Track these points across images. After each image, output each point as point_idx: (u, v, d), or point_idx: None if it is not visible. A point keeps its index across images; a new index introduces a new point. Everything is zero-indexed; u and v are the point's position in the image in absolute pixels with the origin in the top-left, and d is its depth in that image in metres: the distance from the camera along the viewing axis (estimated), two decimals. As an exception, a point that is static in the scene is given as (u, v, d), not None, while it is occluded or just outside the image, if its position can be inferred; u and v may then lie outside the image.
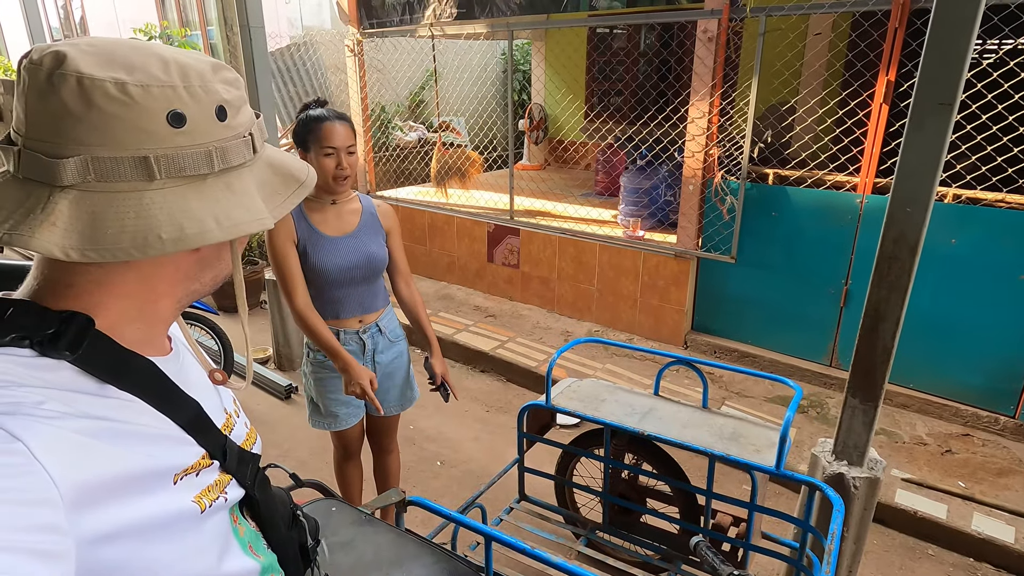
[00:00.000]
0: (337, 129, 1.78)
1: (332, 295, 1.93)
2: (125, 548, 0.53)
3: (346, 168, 1.81)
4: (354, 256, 1.90)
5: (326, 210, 1.90)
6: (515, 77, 8.57)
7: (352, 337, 1.97)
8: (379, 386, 2.03)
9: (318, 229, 1.87)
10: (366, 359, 2.00)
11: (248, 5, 3.27)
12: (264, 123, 0.66)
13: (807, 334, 3.57)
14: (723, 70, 3.36)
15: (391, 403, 2.11)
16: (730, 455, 1.70)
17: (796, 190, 3.44)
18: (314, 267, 1.87)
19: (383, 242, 1.98)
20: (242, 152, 0.60)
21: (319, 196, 1.89)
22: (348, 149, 1.81)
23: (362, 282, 1.95)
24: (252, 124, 0.62)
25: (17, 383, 0.50)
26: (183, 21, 8.35)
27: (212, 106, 0.57)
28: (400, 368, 2.10)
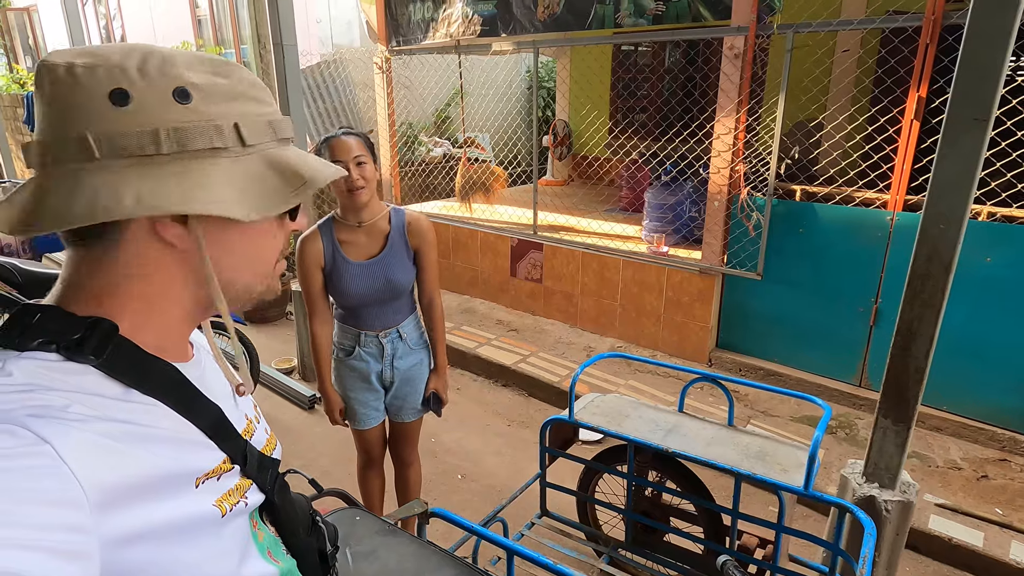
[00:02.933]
0: (342, 142, 1.78)
1: (355, 311, 1.98)
2: (148, 550, 0.54)
3: (356, 179, 1.79)
4: (375, 282, 1.91)
5: (354, 233, 1.90)
6: (539, 94, 8.64)
7: (372, 340, 2.00)
8: (397, 392, 2.08)
9: (344, 253, 1.90)
10: (384, 363, 2.03)
11: (282, 24, 3.36)
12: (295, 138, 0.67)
13: (835, 353, 3.50)
14: (749, 86, 3.35)
15: (408, 409, 2.12)
16: (757, 474, 1.67)
17: (824, 206, 3.39)
18: (337, 291, 1.93)
19: (410, 263, 1.97)
20: (211, 138, 0.57)
21: (346, 218, 1.91)
22: (356, 160, 1.78)
23: (384, 302, 1.97)
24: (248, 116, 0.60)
25: (44, 387, 0.51)
26: (218, 39, 8.61)
27: (170, 88, 0.55)
28: (419, 375, 2.11)
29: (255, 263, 0.66)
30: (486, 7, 4.45)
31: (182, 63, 0.57)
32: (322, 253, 1.89)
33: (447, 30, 4.74)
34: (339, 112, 6.89)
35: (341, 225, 1.92)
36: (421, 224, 1.97)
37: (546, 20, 4.13)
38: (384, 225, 1.94)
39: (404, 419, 2.14)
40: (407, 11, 5.01)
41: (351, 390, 2.06)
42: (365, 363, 2.03)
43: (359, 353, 2.02)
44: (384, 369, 2.04)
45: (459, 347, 4.17)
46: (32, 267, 3.42)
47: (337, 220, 1.93)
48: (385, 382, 2.08)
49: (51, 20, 11.05)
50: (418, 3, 4.91)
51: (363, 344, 2.00)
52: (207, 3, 8.55)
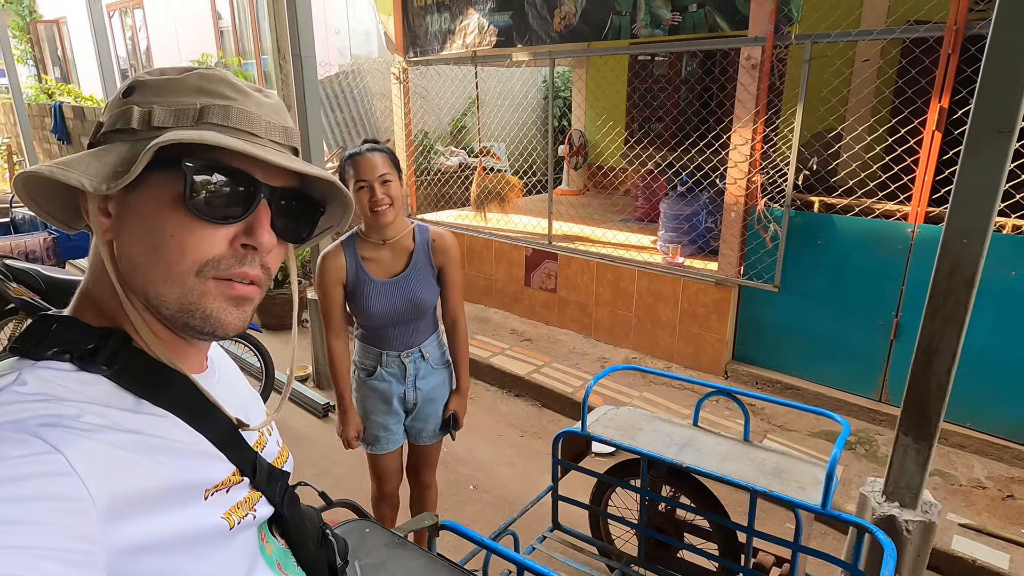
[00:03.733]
0: (368, 160, 1.73)
1: (377, 332, 1.94)
2: (155, 561, 0.53)
3: (381, 199, 1.74)
4: (398, 301, 1.86)
5: (378, 250, 1.87)
6: (555, 104, 8.67)
7: (394, 360, 1.96)
8: (419, 413, 2.02)
9: (367, 271, 1.85)
10: (407, 384, 1.98)
11: (301, 35, 3.40)
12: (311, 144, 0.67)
13: (854, 367, 3.44)
14: (767, 97, 3.33)
15: (430, 431, 2.07)
16: (773, 491, 1.64)
17: (843, 218, 3.35)
18: (359, 310, 1.89)
19: (434, 281, 1.93)
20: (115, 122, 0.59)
21: (369, 236, 1.86)
22: (381, 178, 1.73)
23: (408, 321, 1.92)
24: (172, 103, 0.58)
25: (57, 397, 0.52)
26: (239, 51, 8.76)
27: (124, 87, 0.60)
28: (442, 396, 2.06)
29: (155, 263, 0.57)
30: (502, 18, 4.48)
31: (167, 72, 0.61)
32: (344, 269, 1.85)
33: (464, 41, 4.78)
34: (356, 122, 6.96)
35: (364, 242, 1.87)
36: (446, 242, 1.92)
37: (562, 31, 4.15)
38: (408, 242, 1.89)
39: (424, 442, 2.09)
40: (424, 22, 5.06)
41: (372, 412, 2.00)
42: (387, 384, 1.97)
43: (381, 373, 1.96)
44: (407, 391, 1.98)
45: (473, 356, 4.16)
46: (55, 273, 3.48)
47: (360, 236, 1.89)
48: (407, 404, 2.01)
49: (79, 32, 11.34)
50: (435, 14, 4.96)
51: (385, 364, 1.95)
52: (229, 15, 8.71)
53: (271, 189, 0.61)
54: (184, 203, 0.56)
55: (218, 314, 0.59)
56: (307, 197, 0.67)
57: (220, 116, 0.58)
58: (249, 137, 0.59)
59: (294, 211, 0.65)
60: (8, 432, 0.47)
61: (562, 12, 4.12)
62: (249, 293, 0.62)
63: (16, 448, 0.46)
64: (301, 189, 0.66)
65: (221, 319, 0.60)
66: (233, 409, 0.68)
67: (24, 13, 12.31)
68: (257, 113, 0.61)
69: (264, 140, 0.61)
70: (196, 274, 0.58)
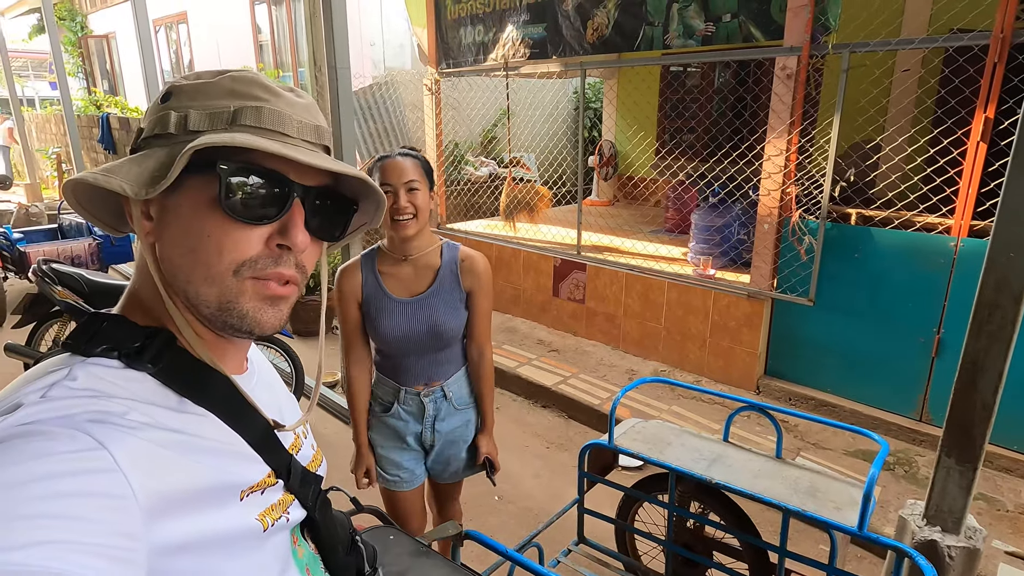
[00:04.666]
0: (396, 164, 1.58)
1: (395, 360, 1.76)
2: (192, 560, 0.54)
3: (404, 207, 1.57)
4: (419, 324, 1.69)
5: (399, 267, 1.70)
6: (586, 114, 8.66)
7: (412, 399, 1.78)
8: (439, 455, 1.85)
9: (385, 288, 1.69)
10: (425, 425, 1.80)
11: (336, 48, 3.48)
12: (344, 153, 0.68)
13: (893, 385, 3.33)
14: (802, 107, 3.27)
15: (451, 471, 1.91)
16: (807, 511, 1.59)
17: (882, 231, 3.26)
18: (375, 332, 1.71)
19: (460, 305, 1.73)
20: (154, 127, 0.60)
21: (392, 249, 1.70)
22: (408, 185, 1.57)
23: (429, 351, 1.74)
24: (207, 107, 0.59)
25: (106, 393, 0.53)
26: (277, 63, 9.00)
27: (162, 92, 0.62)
28: (465, 437, 1.88)
29: (195, 264, 0.58)
30: (536, 30, 4.51)
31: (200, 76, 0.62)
32: (360, 286, 1.70)
33: (496, 53, 4.82)
34: (389, 132, 7.07)
35: (386, 256, 1.72)
36: (477, 263, 1.74)
37: (595, 42, 4.15)
38: (434, 260, 1.71)
39: (447, 480, 1.94)
40: (458, 35, 5.13)
41: (386, 449, 1.83)
42: (404, 423, 1.80)
43: (397, 411, 1.79)
44: (424, 430, 1.81)
45: (500, 366, 4.16)
46: (98, 278, 3.60)
47: (382, 251, 1.74)
48: (425, 443, 1.84)
49: (127, 46, 11.80)
50: (468, 27, 5.02)
51: (402, 401, 1.78)
52: (268, 29, 8.96)
53: (304, 188, 0.62)
54: (220, 205, 0.57)
55: (255, 313, 0.61)
56: (340, 195, 0.67)
57: (252, 117, 0.59)
58: (281, 137, 0.60)
59: (328, 210, 0.66)
60: (57, 427, 0.48)
61: (595, 23, 4.12)
62: (285, 292, 0.62)
63: (64, 443, 0.47)
64: (334, 187, 0.66)
65: (258, 318, 0.61)
66: (270, 411, 0.69)
67: (76, 29, 12.87)
68: (289, 113, 0.61)
69: (296, 140, 0.61)
70: (234, 274, 0.59)
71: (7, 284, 5.37)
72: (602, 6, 4.05)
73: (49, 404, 0.50)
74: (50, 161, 11.27)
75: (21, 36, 14.55)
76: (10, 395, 0.52)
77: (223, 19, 9.57)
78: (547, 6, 4.40)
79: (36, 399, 0.50)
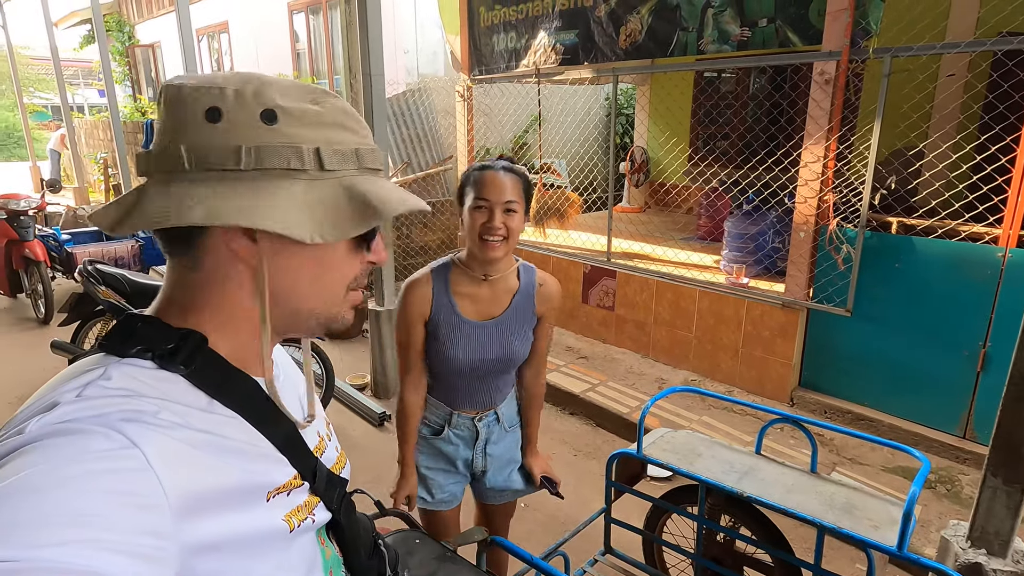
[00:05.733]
0: (497, 180, 1.45)
1: (454, 383, 1.64)
2: (221, 560, 0.55)
3: (498, 227, 1.45)
4: (491, 349, 1.58)
5: (476, 287, 1.58)
6: (618, 120, 8.62)
7: (466, 423, 1.69)
8: (492, 479, 1.77)
9: (458, 309, 1.56)
10: (476, 450, 1.72)
11: (371, 54, 3.53)
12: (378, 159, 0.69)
13: (935, 400, 3.21)
14: (841, 113, 3.19)
15: (507, 493, 1.84)
16: (843, 528, 1.54)
17: (924, 240, 3.15)
18: (441, 353, 1.57)
19: (530, 332, 1.64)
20: (288, 159, 0.58)
21: (469, 266, 1.57)
22: (506, 205, 1.45)
23: (492, 376, 1.64)
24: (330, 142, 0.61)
25: (138, 393, 0.54)
26: (314, 71, 9.19)
27: (259, 109, 0.58)
28: (516, 458, 1.82)
29: (320, 289, 0.65)
30: (568, 36, 4.51)
31: (277, 89, 0.59)
32: (430, 303, 1.55)
33: (529, 59, 4.83)
34: (421, 138, 7.14)
35: (461, 273, 1.58)
36: (553, 290, 1.66)
37: (628, 48, 4.13)
38: (512, 282, 1.61)
39: (497, 501, 1.85)
40: (491, 42, 5.16)
41: (428, 470, 1.73)
42: (454, 447, 1.71)
43: (448, 435, 1.69)
44: (475, 457, 1.72)
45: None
46: (139, 278, 3.72)
47: (457, 266, 1.59)
48: (475, 469, 1.75)
49: (171, 55, 12.21)
50: (501, 34, 5.05)
51: (454, 426, 1.68)
52: (306, 38, 9.17)
53: None
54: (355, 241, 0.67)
55: (345, 316, 0.71)
56: None
57: (370, 159, 0.65)
58: (380, 174, 0.67)
59: None
60: (92, 425, 0.49)
61: (628, 29, 4.10)
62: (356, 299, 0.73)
63: (99, 442, 0.48)
64: None
65: (347, 319, 0.71)
66: (294, 411, 0.70)
67: (124, 39, 13.37)
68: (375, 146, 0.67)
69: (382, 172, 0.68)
70: (345, 291, 0.69)
71: (55, 284, 5.58)
72: (635, 12, 4.03)
73: (85, 403, 0.51)
74: (97, 166, 11.71)
75: (72, 46, 15.17)
76: (47, 394, 0.54)
77: (262, 28, 9.83)
78: (579, 13, 4.39)
79: (72, 398, 0.51)
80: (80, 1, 13.20)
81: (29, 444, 0.47)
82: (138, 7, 13.06)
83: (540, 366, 1.75)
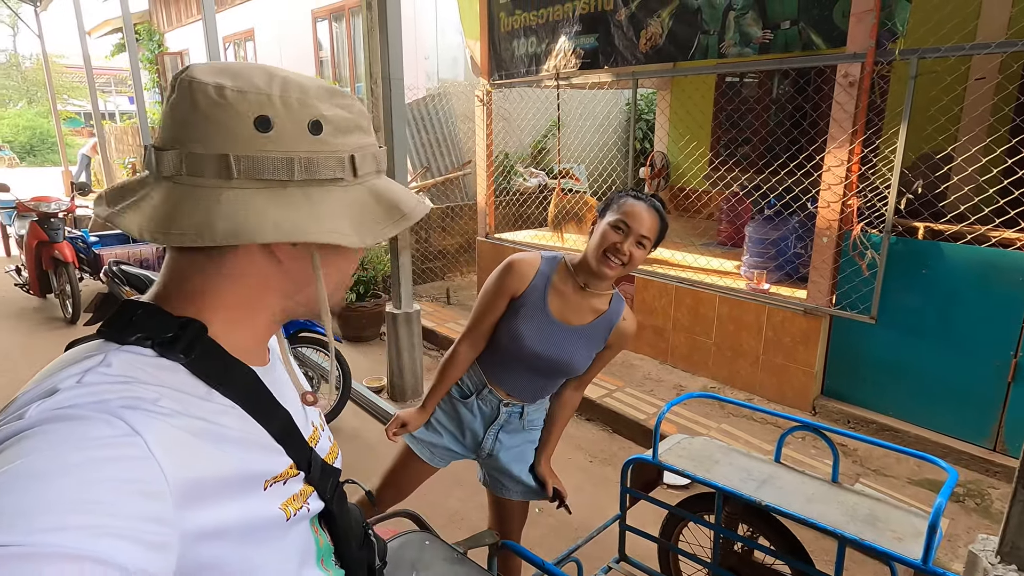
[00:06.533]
0: (642, 214, 1.53)
1: (506, 363, 1.69)
2: (221, 547, 0.55)
3: (624, 252, 1.52)
4: (554, 350, 1.63)
5: (572, 291, 1.64)
6: (638, 125, 8.57)
7: (492, 401, 1.73)
8: (500, 465, 1.79)
9: (548, 302, 1.63)
10: (489, 432, 1.76)
11: (391, 61, 3.56)
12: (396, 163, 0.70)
13: (964, 411, 3.11)
14: (865, 116, 3.13)
15: (515, 489, 1.84)
16: (865, 540, 1.49)
17: (952, 246, 3.07)
18: (511, 334, 1.63)
19: (594, 353, 1.70)
20: (333, 169, 0.60)
21: (577, 272, 1.64)
22: (640, 238, 1.52)
23: (541, 376, 1.69)
24: (361, 148, 0.64)
25: (139, 380, 0.54)
26: (336, 77, 9.31)
27: (306, 119, 0.58)
28: (527, 457, 1.84)
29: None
30: (588, 40, 4.50)
31: (314, 95, 0.59)
32: (527, 283, 1.62)
33: (549, 64, 4.83)
34: (440, 143, 7.18)
35: (566, 274, 1.65)
36: (630, 327, 1.71)
37: (648, 52, 4.11)
38: (603, 304, 1.67)
39: (508, 496, 1.86)
40: (511, 47, 5.17)
41: (438, 423, 1.80)
42: (472, 417, 1.76)
43: (473, 403, 1.75)
44: (487, 438, 1.76)
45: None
46: (162, 279, 3.78)
47: (565, 266, 1.67)
48: (483, 451, 1.79)
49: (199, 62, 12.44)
50: (521, 39, 5.06)
51: (482, 397, 1.73)
52: (329, 46, 9.29)
53: None
54: None
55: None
56: None
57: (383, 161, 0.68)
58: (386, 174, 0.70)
59: None
60: (93, 412, 0.49)
61: (648, 33, 4.08)
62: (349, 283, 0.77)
63: (100, 429, 0.48)
64: None
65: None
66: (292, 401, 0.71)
67: (153, 47, 13.70)
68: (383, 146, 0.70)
69: None
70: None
71: (82, 284, 5.71)
72: (656, 15, 4.01)
73: (85, 389, 0.51)
74: (126, 171, 11.99)
75: (104, 54, 15.59)
76: (45, 379, 0.54)
77: (287, 36, 9.99)
78: (599, 17, 4.38)
79: (72, 383, 0.51)
80: (112, 10, 13.57)
81: (29, 429, 0.47)
82: (167, 16, 13.37)
83: (583, 386, 1.81)
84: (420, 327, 3.99)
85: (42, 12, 12.49)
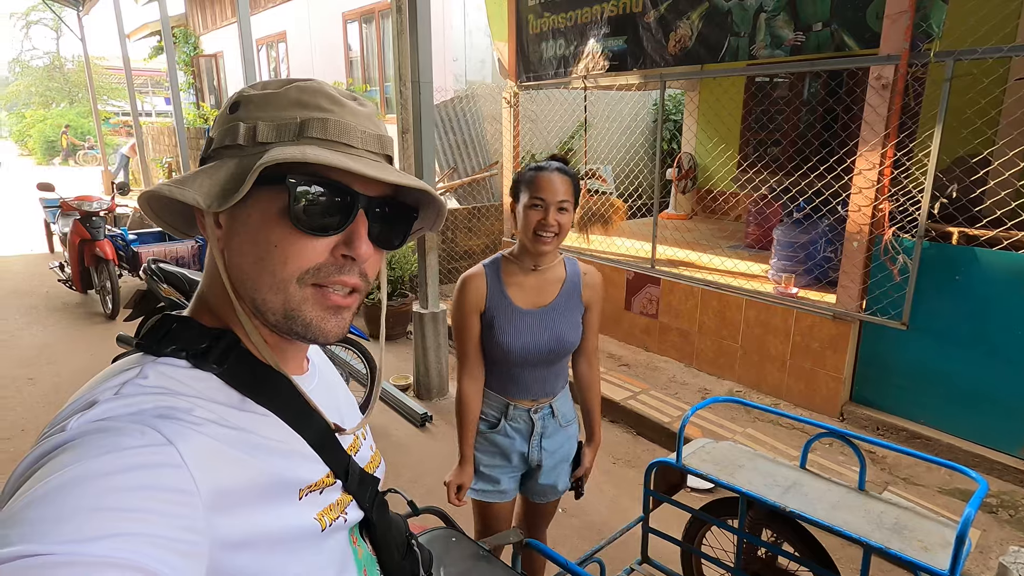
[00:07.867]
0: (551, 181, 1.56)
1: (510, 372, 1.72)
2: (251, 557, 0.55)
3: (552, 224, 1.56)
4: (543, 336, 1.67)
5: (526, 277, 1.69)
6: (666, 126, 8.52)
7: (522, 415, 1.75)
8: (546, 475, 1.81)
9: (511, 298, 1.67)
10: (532, 444, 1.76)
11: (420, 63, 3.61)
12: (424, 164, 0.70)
13: (997, 419, 3.05)
14: (899, 119, 3.08)
15: (551, 491, 1.86)
16: (891, 549, 1.48)
17: (988, 252, 3.00)
18: (497, 343, 1.66)
19: (579, 319, 1.74)
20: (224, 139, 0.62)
21: (520, 258, 1.69)
22: (560, 204, 1.56)
23: (546, 364, 1.72)
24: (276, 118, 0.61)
25: (173, 391, 0.56)
26: (366, 79, 9.44)
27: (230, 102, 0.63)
28: (569, 455, 1.86)
29: (262, 271, 0.60)
30: (617, 42, 4.50)
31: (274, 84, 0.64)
32: (484, 296, 1.66)
33: (576, 66, 4.84)
34: (468, 144, 7.24)
35: (512, 266, 1.70)
36: (596, 278, 1.77)
37: (677, 53, 4.09)
38: (559, 272, 1.72)
39: (542, 500, 1.88)
40: (539, 49, 5.20)
41: (488, 465, 1.77)
42: (510, 440, 1.75)
43: (504, 428, 1.74)
44: (531, 450, 1.76)
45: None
46: (197, 277, 3.89)
47: (508, 260, 1.71)
48: (530, 463, 1.79)
49: (232, 64, 12.74)
50: (550, 41, 5.08)
51: (510, 418, 1.74)
52: (359, 48, 9.42)
53: (367, 199, 0.63)
54: (288, 216, 0.59)
55: (319, 323, 0.62)
56: (401, 204, 0.68)
57: (319, 129, 0.60)
58: (346, 149, 0.61)
59: (389, 218, 0.67)
60: (128, 423, 0.50)
61: (678, 35, 4.07)
62: (348, 303, 0.64)
63: (134, 439, 0.49)
64: (395, 196, 0.67)
65: (322, 327, 0.63)
66: (329, 412, 0.70)
67: (189, 50, 14.05)
68: (353, 124, 0.62)
69: (360, 151, 0.62)
70: (297, 281, 0.60)
71: (121, 281, 5.90)
72: (686, 17, 3.99)
73: (122, 401, 0.53)
74: (163, 170, 12.32)
75: (142, 56, 16.04)
76: (86, 393, 0.56)
77: (318, 38, 10.16)
78: (628, 19, 4.38)
79: (110, 396, 0.53)
80: (151, 14, 13.94)
81: (69, 442, 0.48)
82: (203, 19, 13.71)
83: (591, 357, 1.85)
84: (446, 326, 4.04)
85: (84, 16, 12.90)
